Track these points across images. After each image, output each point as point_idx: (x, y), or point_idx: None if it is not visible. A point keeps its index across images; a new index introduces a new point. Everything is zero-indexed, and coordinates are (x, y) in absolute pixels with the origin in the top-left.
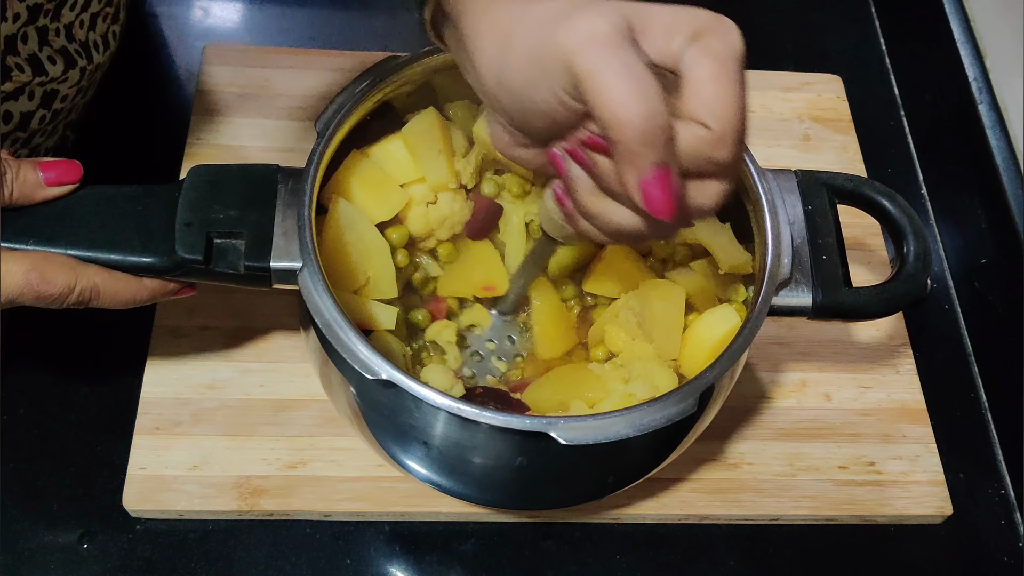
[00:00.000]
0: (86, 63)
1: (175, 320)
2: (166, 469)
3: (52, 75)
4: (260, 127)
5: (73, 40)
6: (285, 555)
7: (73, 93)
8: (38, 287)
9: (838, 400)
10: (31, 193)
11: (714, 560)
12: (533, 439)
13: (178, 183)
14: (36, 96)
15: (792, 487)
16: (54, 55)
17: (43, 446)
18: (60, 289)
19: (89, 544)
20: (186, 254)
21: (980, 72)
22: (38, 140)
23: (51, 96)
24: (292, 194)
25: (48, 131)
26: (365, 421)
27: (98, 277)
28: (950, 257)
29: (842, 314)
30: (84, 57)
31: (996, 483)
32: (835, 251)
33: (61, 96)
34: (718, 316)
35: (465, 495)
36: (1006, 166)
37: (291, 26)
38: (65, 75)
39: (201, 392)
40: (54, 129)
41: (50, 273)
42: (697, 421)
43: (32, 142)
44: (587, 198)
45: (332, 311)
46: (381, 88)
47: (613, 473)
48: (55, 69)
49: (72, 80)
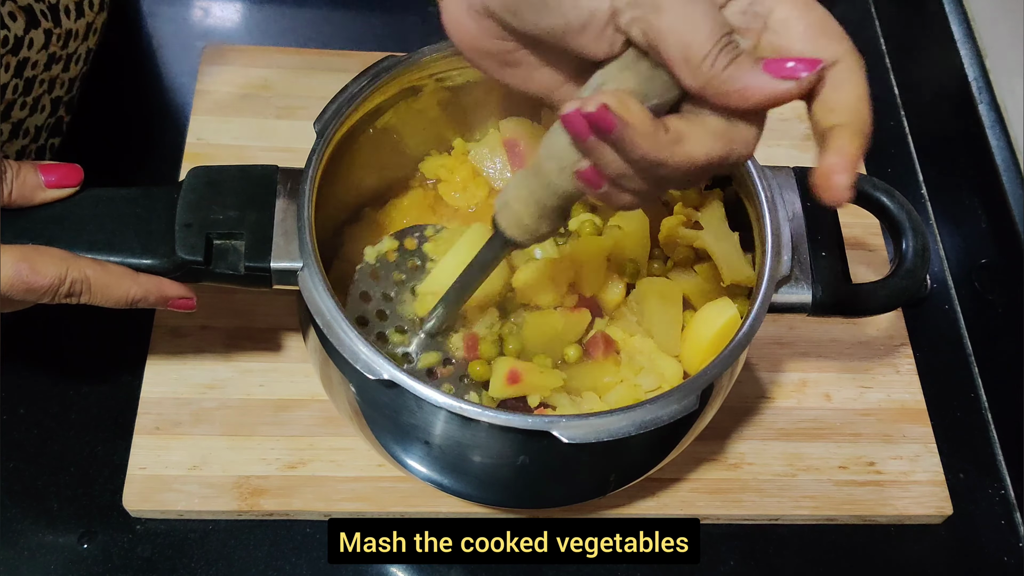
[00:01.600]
0: (51, 25)
1: (175, 320)
2: (166, 469)
3: (14, 31)
4: (260, 127)
5: (41, 0)
6: (285, 555)
7: (44, 60)
8: (28, 278)
9: (838, 400)
10: (31, 194)
11: (714, 560)
12: (535, 438)
13: (177, 185)
14: (10, 67)
15: (792, 487)
16: (16, 11)
17: (43, 446)
18: (50, 280)
19: (89, 544)
20: (186, 255)
21: (980, 72)
22: (19, 114)
23: (22, 65)
24: (292, 194)
25: (30, 105)
26: (366, 421)
27: (89, 269)
28: (950, 257)
29: (842, 310)
30: (49, 19)
31: (996, 483)
32: (834, 248)
33: (32, 63)
34: (716, 309)
35: (466, 494)
36: (1006, 166)
37: (291, 26)
38: (27, 35)
39: (201, 392)
40: (38, 104)
41: (40, 264)
42: (698, 418)
43: (12, 115)
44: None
45: (333, 311)
46: (380, 88)
47: (615, 471)
48: (15, 26)
49: (36, 43)
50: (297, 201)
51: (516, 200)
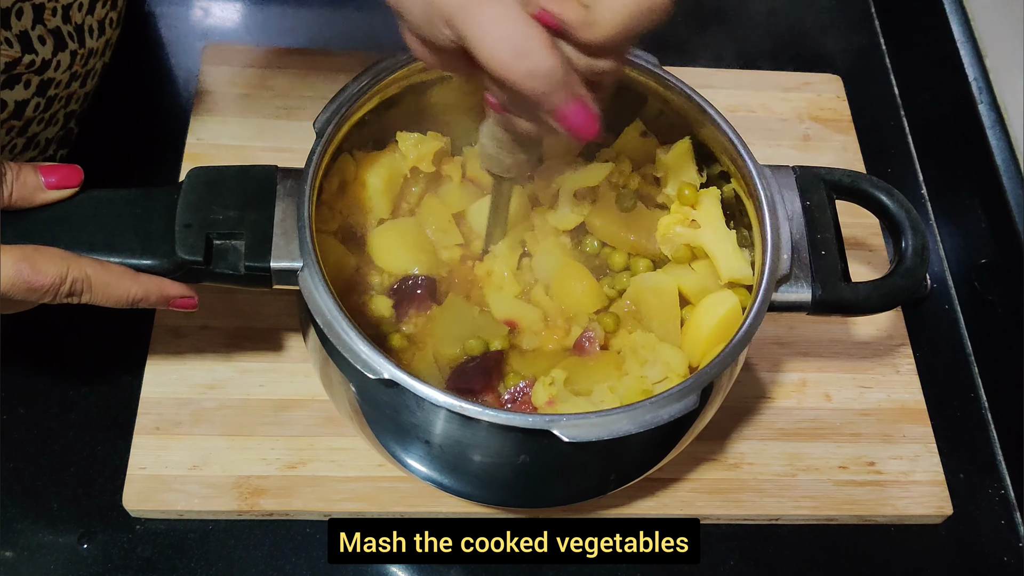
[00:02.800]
0: (77, 46)
1: (175, 320)
2: (166, 469)
3: (42, 55)
4: (260, 127)
5: (69, 21)
6: (285, 555)
7: (67, 79)
8: (29, 277)
9: (838, 400)
10: (31, 195)
11: (714, 560)
12: (535, 437)
13: (176, 185)
14: (32, 85)
15: (792, 487)
16: (45, 35)
17: (43, 446)
18: (51, 279)
19: (89, 544)
20: (186, 255)
21: (980, 72)
22: (36, 129)
23: (46, 85)
24: (291, 194)
25: (46, 120)
26: (366, 420)
27: (90, 268)
28: (950, 257)
29: (842, 309)
30: (76, 40)
31: (996, 483)
32: (834, 246)
33: (55, 83)
34: (718, 299)
35: (467, 493)
36: (1006, 166)
37: (291, 26)
38: (55, 57)
39: (201, 392)
40: (53, 119)
41: (41, 263)
42: (698, 418)
43: (29, 130)
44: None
45: (333, 311)
46: (380, 88)
47: (615, 470)
48: (44, 49)
49: (63, 64)
50: (297, 201)
51: (488, 143)
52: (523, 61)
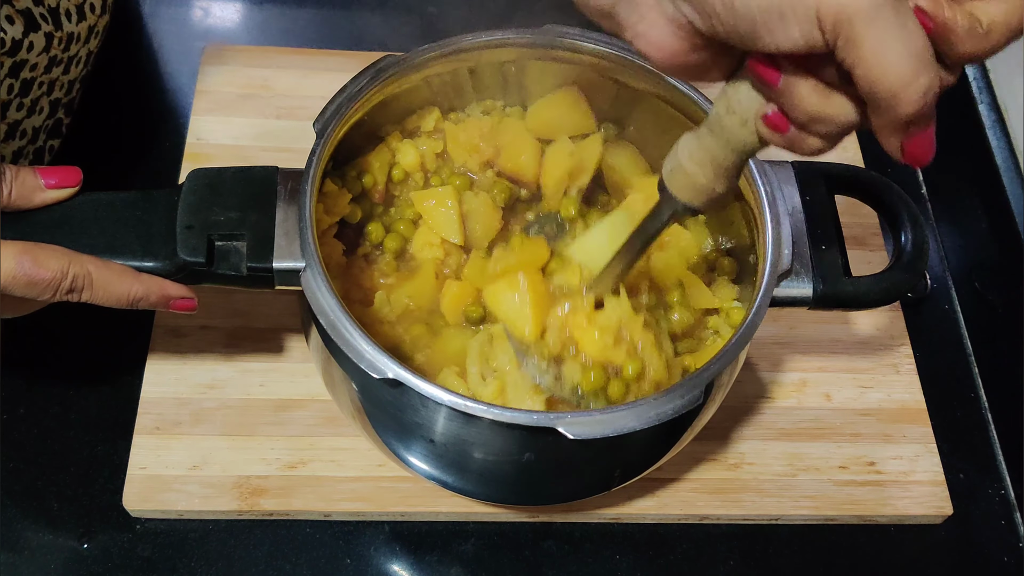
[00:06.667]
0: (52, 28)
1: (175, 320)
2: (166, 469)
3: (11, 34)
4: (260, 127)
5: (41, 3)
6: (285, 555)
7: (44, 63)
8: (30, 271)
9: (838, 400)
10: (30, 195)
11: (714, 560)
12: (540, 434)
13: (177, 187)
14: (5, 66)
15: (792, 487)
16: (13, 15)
17: (43, 446)
18: (53, 274)
19: (89, 544)
20: (188, 257)
21: (980, 72)
22: (16, 115)
23: (19, 66)
24: (292, 194)
25: (27, 106)
26: (369, 420)
27: (91, 265)
28: (950, 257)
29: (843, 303)
30: (50, 23)
31: (996, 483)
32: (834, 241)
33: (31, 65)
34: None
35: (471, 492)
36: (1006, 166)
37: (291, 26)
38: (26, 38)
39: (201, 392)
40: (36, 106)
41: (42, 257)
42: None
43: (8, 115)
44: (812, 100)
45: (336, 311)
46: (380, 88)
47: (619, 467)
48: (13, 29)
49: (36, 46)
50: (298, 201)
51: (690, 161)
52: (922, 77)
